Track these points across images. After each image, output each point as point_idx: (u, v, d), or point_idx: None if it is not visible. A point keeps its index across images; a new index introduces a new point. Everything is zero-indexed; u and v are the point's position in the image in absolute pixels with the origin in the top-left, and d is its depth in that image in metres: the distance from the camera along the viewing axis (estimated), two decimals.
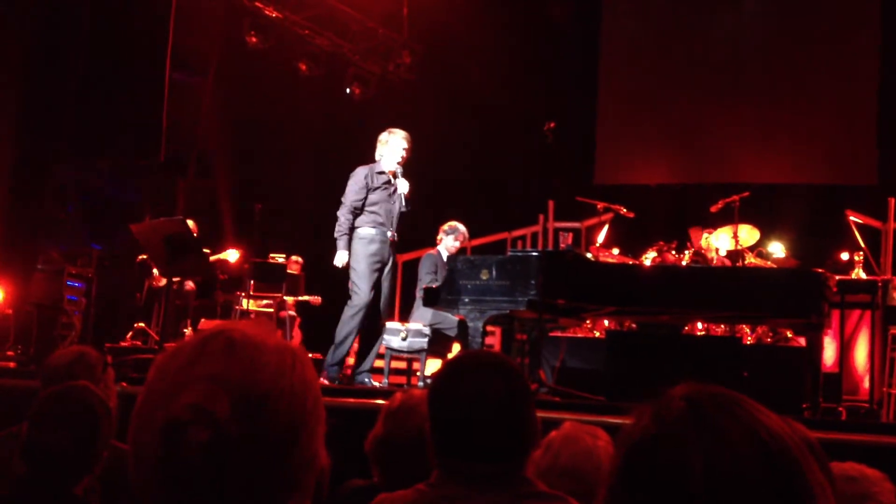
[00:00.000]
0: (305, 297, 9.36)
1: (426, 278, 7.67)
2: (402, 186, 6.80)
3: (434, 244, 8.07)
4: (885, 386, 7.55)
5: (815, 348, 6.46)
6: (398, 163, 6.83)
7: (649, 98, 11.88)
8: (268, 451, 0.99)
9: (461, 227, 7.97)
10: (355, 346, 7.05)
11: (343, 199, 6.81)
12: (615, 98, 12.15)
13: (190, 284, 8.93)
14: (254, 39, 10.12)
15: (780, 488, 0.86)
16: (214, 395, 0.97)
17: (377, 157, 6.88)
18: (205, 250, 7.51)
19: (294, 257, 9.58)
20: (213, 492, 0.97)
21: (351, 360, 7.16)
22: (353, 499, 2.61)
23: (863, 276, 8.29)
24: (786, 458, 0.87)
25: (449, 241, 7.90)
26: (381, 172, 6.83)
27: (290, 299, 9.27)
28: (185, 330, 8.68)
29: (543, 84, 11.47)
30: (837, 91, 11.13)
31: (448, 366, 2.12)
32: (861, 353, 8.34)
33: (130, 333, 8.66)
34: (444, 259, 7.86)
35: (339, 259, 6.73)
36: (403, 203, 6.79)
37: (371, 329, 6.89)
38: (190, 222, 7.31)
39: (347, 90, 11.00)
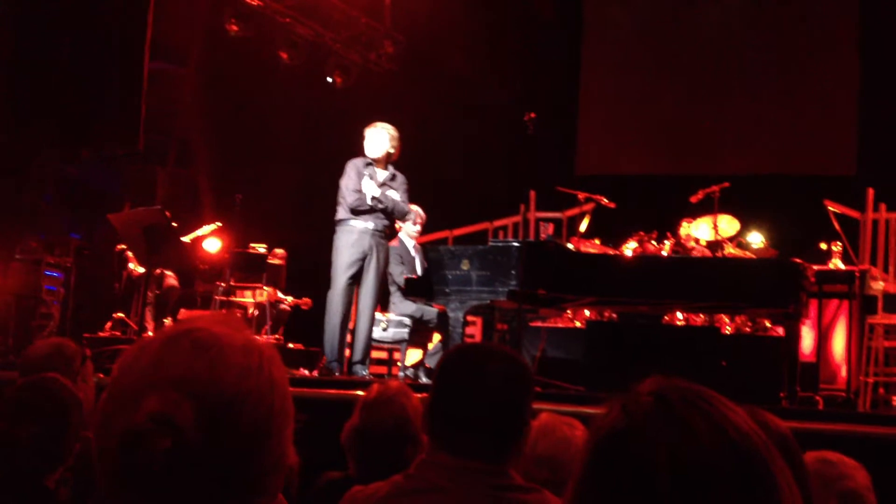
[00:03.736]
0: (296, 302, 9.34)
1: (396, 270, 7.61)
2: (367, 188, 6.72)
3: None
4: (863, 375, 7.63)
5: (793, 338, 6.51)
6: (375, 156, 6.78)
7: (631, 89, 11.90)
8: (232, 456, 0.98)
9: (416, 208, 7.88)
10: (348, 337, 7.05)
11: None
12: (597, 89, 12.17)
13: (170, 280, 8.88)
14: (234, 28, 10.05)
15: (745, 485, 0.86)
16: (176, 403, 0.96)
17: None
18: (183, 240, 7.48)
19: (277, 250, 9.55)
20: (175, 498, 0.96)
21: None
22: (328, 491, 2.60)
23: (841, 266, 8.35)
24: (752, 455, 0.87)
25: (408, 226, 7.84)
26: (369, 164, 6.82)
27: (289, 299, 9.26)
28: (166, 320, 8.64)
29: (525, 74, 11.47)
30: (817, 82, 11.18)
31: (460, 351, 2.11)
32: (839, 343, 8.41)
33: (109, 324, 8.61)
34: (409, 247, 7.83)
35: (369, 189, 6.70)
36: (367, 198, 6.74)
37: (363, 320, 6.87)
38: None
39: (329, 79, 10.95)
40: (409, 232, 7.85)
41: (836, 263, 8.41)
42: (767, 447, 0.89)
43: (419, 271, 7.63)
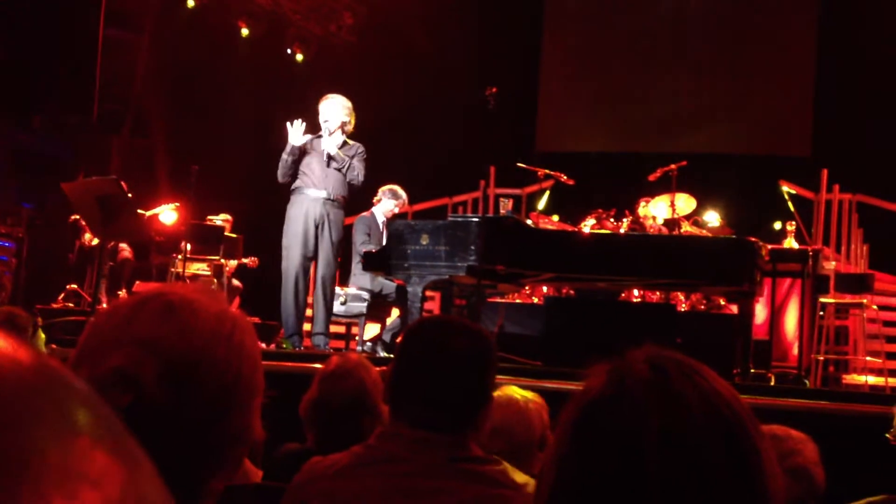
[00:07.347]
0: (243, 261, 9.21)
1: (360, 239, 7.59)
2: (326, 144, 6.70)
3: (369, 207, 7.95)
4: (814, 353, 7.77)
5: (747, 316, 6.59)
6: (326, 123, 6.73)
7: (591, 67, 11.94)
8: (193, 422, 0.96)
9: (402, 193, 7.86)
10: (309, 312, 7.02)
11: None
12: (558, 65, 12.18)
13: (125, 252, 8.74)
14: None
15: (731, 461, 0.85)
16: (141, 360, 0.94)
17: None
18: (139, 211, 7.37)
19: (223, 215, 9.35)
20: None
21: (308, 326, 7.09)
22: (287, 462, 2.59)
23: (794, 245, 8.47)
24: (741, 432, 0.87)
25: (389, 204, 7.79)
26: (319, 136, 6.78)
27: (233, 263, 9.10)
28: (120, 292, 8.53)
29: (486, 49, 11.43)
30: (774, 63, 11.30)
31: (423, 324, 2.10)
32: (791, 321, 8.55)
33: (62, 295, 8.48)
34: (379, 222, 7.78)
35: (294, 137, 6.67)
36: (325, 161, 6.71)
37: (319, 290, 6.85)
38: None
39: (288, 50, 10.82)
40: (384, 209, 7.77)
41: (790, 243, 8.53)
42: (756, 427, 0.89)
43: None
